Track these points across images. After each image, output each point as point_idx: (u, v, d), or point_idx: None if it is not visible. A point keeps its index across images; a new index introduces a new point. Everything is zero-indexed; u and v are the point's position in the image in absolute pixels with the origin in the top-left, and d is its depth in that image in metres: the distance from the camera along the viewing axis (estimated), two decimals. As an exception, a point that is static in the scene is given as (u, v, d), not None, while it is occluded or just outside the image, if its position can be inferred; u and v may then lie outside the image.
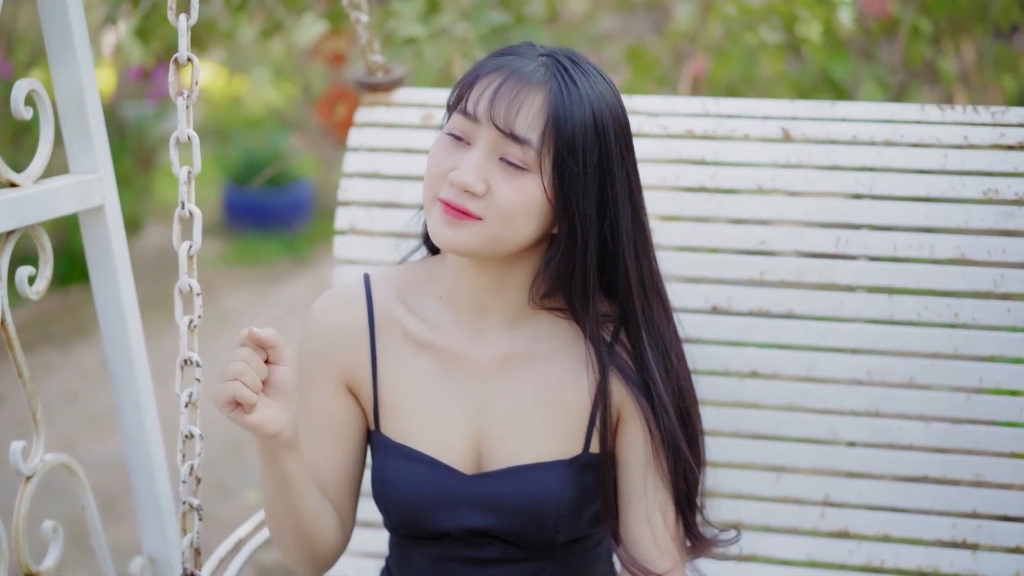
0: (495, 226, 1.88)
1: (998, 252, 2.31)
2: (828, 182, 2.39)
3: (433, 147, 1.94)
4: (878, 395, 2.37)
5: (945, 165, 2.35)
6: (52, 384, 5.81)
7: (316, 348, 2.09)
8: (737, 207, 2.42)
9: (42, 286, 2.14)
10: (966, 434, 2.34)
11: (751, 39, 3.78)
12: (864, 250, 2.37)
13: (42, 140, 2.14)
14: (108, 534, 2.41)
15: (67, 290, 6.77)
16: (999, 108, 2.39)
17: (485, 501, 2.01)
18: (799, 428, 2.40)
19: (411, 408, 2.04)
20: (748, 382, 2.41)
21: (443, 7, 3.33)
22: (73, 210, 2.22)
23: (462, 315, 2.03)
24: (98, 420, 5.47)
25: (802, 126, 2.43)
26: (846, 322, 2.38)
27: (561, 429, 2.01)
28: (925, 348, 2.35)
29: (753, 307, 2.41)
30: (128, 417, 2.38)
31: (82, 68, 2.21)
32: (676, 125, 2.47)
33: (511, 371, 2.02)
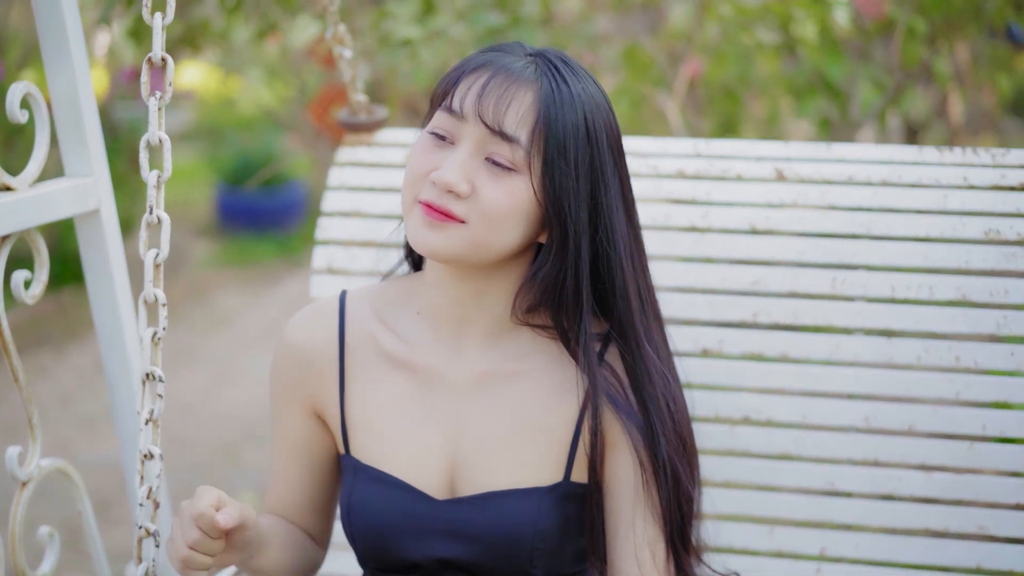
0: (479, 230, 1.80)
1: (1001, 293, 2.23)
2: (824, 222, 2.31)
3: (414, 147, 1.86)
4: (876, 443, 2.27)
5: (945, 205, 2.28)
6: (46, 386, 5.84)
7: (285, 371, 2.02)
8: (730, 247, 2.34)
9: (38, 290, 2.15)
10: (969, 484, 2.23)
11: (747, 40, 3.74)
12: (861, 291, 2.28)
13: (37, 143, 2.15)
14: (103, 537, 2.39)
15: (60, 292, 6.75)
16: (999, 150, 2.33)
17: (456, 529, 1.89)
18: (794, 478, 2.30)
19: (382, 429, 1.94)
20: (740, 429, 2.31)
21: (439, 8, 3.29)
22: (69, 214, 2.22)
23: (440, 330, 1.94)
24: (93, 422, 5.49)
25: (797, 167, 2.36)
26: (843, 366, 2.28)
27: (541, 454, 1.90)
28: (925, 393, 2.25)
29: (745, 350, 2.31)
30: (124, 420, 2.35)
31: (77, 71, 2.20)
32: (667, 166, 2.40)
33: (490, 391, 1.91)
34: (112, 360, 2.32)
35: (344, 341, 1.98)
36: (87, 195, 2.22)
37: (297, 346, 2.00)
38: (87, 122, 2.21)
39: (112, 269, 2.28)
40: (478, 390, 1.92)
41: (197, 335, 6.81)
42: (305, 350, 1.99)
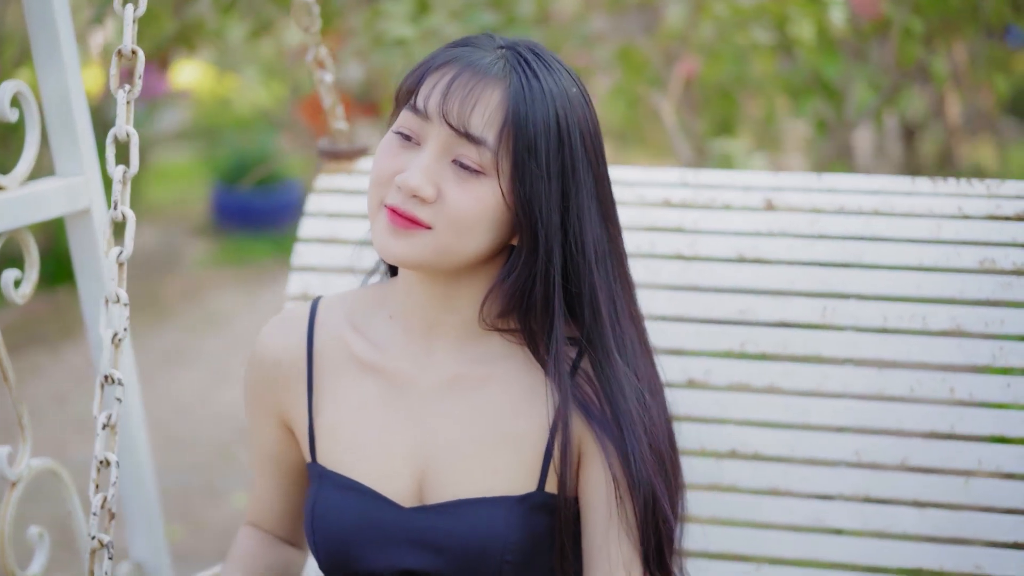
0: (446, 236, 1.74)
1: (996, 323, 2.16)
2: (813, 251, 2.25)
3: (379, 148, 1.79)
4: (868, 478, 2.18)
5: (938, 235, 2.22)
6: (41, 385, 5.77)
7: (255, 381, 1.97)
8: (717, 275, 2.27)
9: (28, 290, 2.14)
10: (965, 522, 2.15)
11: (742, 39, 3.71)
12: (852, 321, 2.21)
13: (28, 142, 2.13)
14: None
15: (55, 291, 6.71)
16: (994, 181, 2.28)
17: (422, 538, 1.81)
18: (782, 514, 2.21)
19: (349, 435, 1.87)
20: (726, 462, 2.23)
21: (433, 8, 3.26)
22: (59, 213, 2.20)
23: (411, 334, 1.87)
24: (87, 422, 5.45)
25: (787, 196, 2.30)
26: (833, 398, 2.20)
27: (513, 462, 1.82)
28: (919, 426, 2.17)
29: (732, 381, 2.24)
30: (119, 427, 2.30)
31: (68, 70, 2.19)
32: (653, 194, 2.34)
33: (460, 395, 1.84)
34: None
35: (312, 348, 1.93)
36: (78, 194, 2.21)
37: (267, 355, 1.96)
38: (78, 121, 2.21)
39: (103, 268, 2.25)
40: (448, 394, 1.85)
41: (192, 335, 6.81)
42: (274, 359, 1.95)
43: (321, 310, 1.96)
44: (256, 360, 1.96)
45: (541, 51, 1.78)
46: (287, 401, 1.94)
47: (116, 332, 1.79)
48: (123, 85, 1.82)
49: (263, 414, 1.97)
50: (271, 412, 1.96)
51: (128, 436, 2.33)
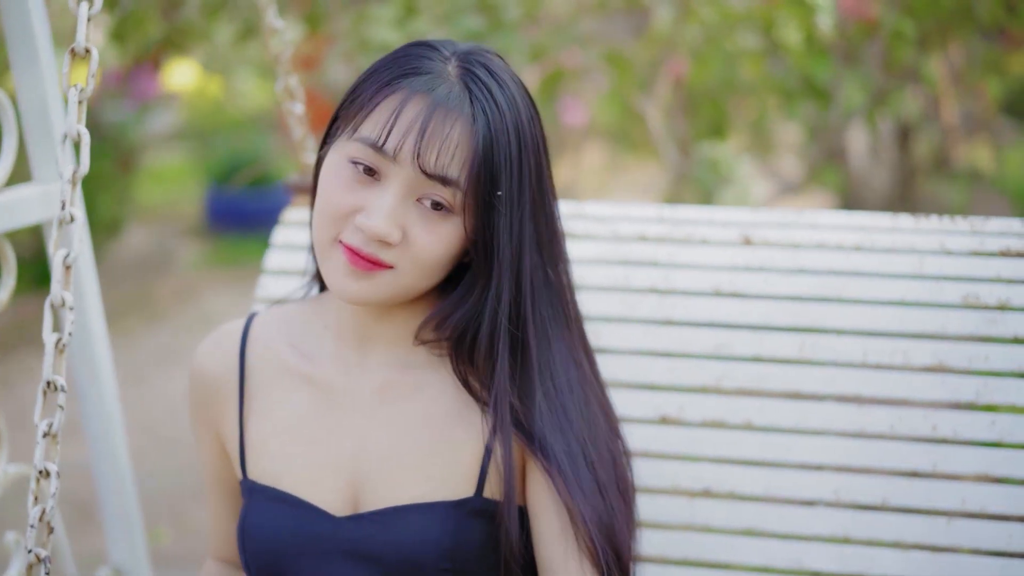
0: (408, 277, 1.70)
1: (980, 360, 2.09)
2: (792, 285, 2.19)
3: (330, 175, 1.72)
4: (847, 518, 2.11)
5: (921, 270, 2.16)
6: (31, 388, 5.70)
7: (194, 398, 1.95)
8: (692, 310, 2.20)
9: (4, 296, 2.12)
10: (947, 564, 2.07)
11: (729, 44, 3.66)
12: (831, 356, 2.14)
13: (5, 148, 2.11)
14: (83, 541, 2.39)
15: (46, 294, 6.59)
16: (978, 219, 2.22)
17: (357, 548, 1.74)
18: (758, 555, 2.13)
19: (280, 447, 1.82)
20: (700, 502, 2.15)
21: (420, 12, 3.22)
22: (36, 220, 2.18)
23: (343, 343, 1.83)
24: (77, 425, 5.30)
25: (765, 232, 2.24)
26: (811, 435, 2.13)
27: (448, 468, 1.76)
28: (900, 465, 2.10)
29: (707, 417, 2.17)
30: (94, 428, 2.34)
31: (45, 76, 2.18)
32: (629, 230, 2.29)
33: (392, 403, 1.79)
34: (81, 367, 2.31)
35: (244, 363, 1.89)
36: (55, 201, 2.18)
37: (202, 372, 1.93)
38: (55, 128, 2.18)
39: (81, 275, 2.23)
40: (380, 403, 1.80)
41: (182, 335, 6.80)
42: (209, 376, 1.92)
43: (255, 325, 1.92)
44: (194, 377, 1.93)
45: (491, 64, 1.72)
46: (221, 417, 1.90)
47: (60, 337, 1.72)
48: (75, 85, 1.76)
49: (204, 432, 1.94)
50: (210, 429, 1.93)
51: (107, 443, 2.32)
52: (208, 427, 1.92)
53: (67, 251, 1.74)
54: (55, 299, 1.73)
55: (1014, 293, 2.11)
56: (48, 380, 1.71)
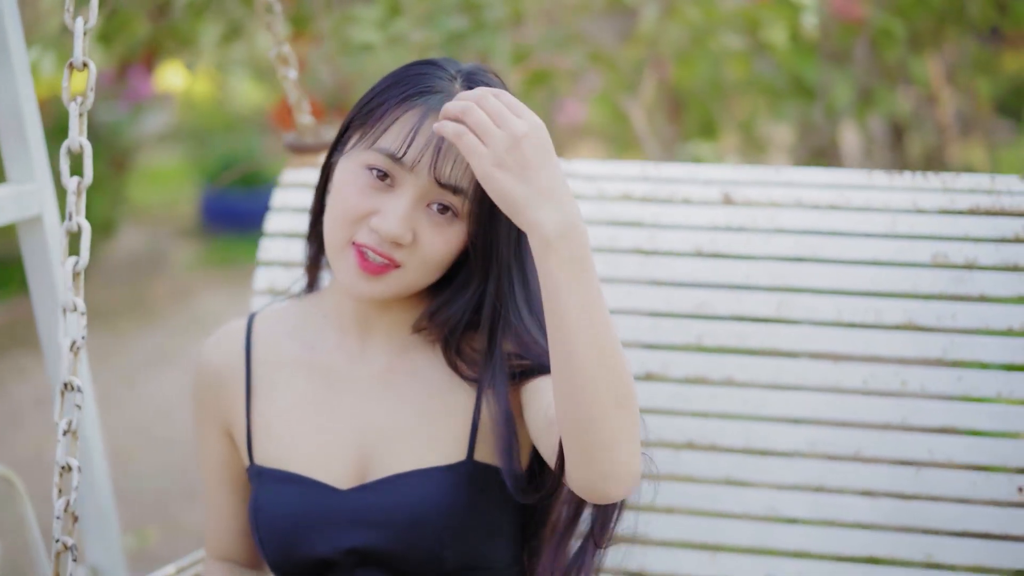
0: (415, 274, 1.83)
1: (948, 318, 2.19)
2: (770, 245, 2.28)
3: (346, 180, 1.84)
4: (821, 468, 2.23)
5: (893, 229, 2.25)
6: (24, 389, 5.72)
7: (199, 393, 2.06)
8: (675, 270, 2.30)
9: None
10: (915, 511, 2.19)
11: (715, 44, 3.71)
12: (807, 314, 2.25)
13: None
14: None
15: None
16: (950, 175, 2.30)
17: (363, 516, 1.88)
18: (737, 503, 2.26)
19: (285, 431, 1.95)
20: (683, 453, 2.27)
21: (404, 12, 3.27)
22: (10, 220, 2.21)
23: (345, 332, 1.97)
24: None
25: (745, 190, 2.33)
26: (788, 390, 2.25)
27: (441, 434, 1.90)
28: (871, 418, 2.22)
29: (690, 373, 2.28)
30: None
31: (18, 75, 2.19)
32: (614, 188, 2.38)
33: (391, 385, 1.93)
34: (55, 367, 2.30)
35: (250, 355, 2.01)
36: (29, 202, 2.21)
37: (208, 367, 2.04)
38: (29, 129, 2.21)
39: (55, 276, 2.26)
40: (379, 385, 1.93)
41: (175, 336, 6.80)
42: (215, 370, 2.03)
43: (256, 322, 2.05)
44: (200, 373, 2.05)
45: (491, 83, 1.84)
46: (228, 408, 2.02)
47: (74, 340, 1.83)
48: (75, 98, 1.85)
49: (210, 426, 2.05)
50: (216, 422, 2.04)
51: (84, 442, 2.33)
52: (215, 421, 2.03)
53: (76, 259, 1.84)
54: (67, 304, 1.83)
55: (981, 252, 2.20)
56: (65, 382, 1.83)
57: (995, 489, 2.16)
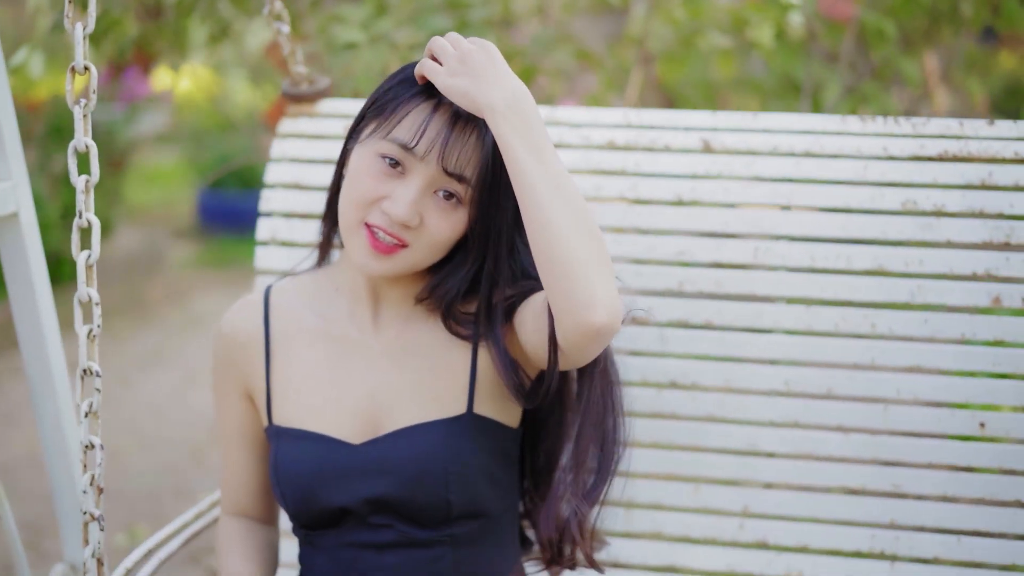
0: (420, 254, 1.99)
1: (915, 263, 2.31)
2: (747, 193, 2.38)
3: (361, 166, 1.98)
4: (796, 406, 2.37)
5: (864, 176, 2.35)
6: (20, 387, 5.81)
7: (220, 362, 2.20)
8: (656, 218, 2.41)
9: None
10: (884, 445, 2.34)
11: (702, 44, 3.75)
12: (782, 261, 2.36)
13: None
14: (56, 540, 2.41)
15: None
16: (920, 119, 2.39)
17: (375, 467, 2.05)
18: (718, 439, 2.40)
19: (301, 393, 2.11)
20: (667, 393, 2.41)
21: (390, 12, 3.32)
22: None
23: (358, 305, 2.12)
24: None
25: (723, 137, 2.42)
26: (764, 333, 2.37)
27: (443, 390, 2.07)
28: (843, 359, 2.34)
29: (672, 318, 2.40)
30: (47, 425, 2.36)
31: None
32: (598, 136, 2.47)
33: (400, 350, 2.09)
34: (33, 365, 2.34)
35: (269, 324, 2.15)
36: (5, 198, 2.25)
37: (229, 336, 2.18)
38: (4, 127, 2.24)
39: (32, 273, 2.29)
40: (389, 351, 2.10)
41: (171, 336, 6.85)
42: (236, 338, 2.17)
43: (274, 294, 2.19)
44: (220, 341, 2.19)
45: None
46: (248, 372, 2.16)
47: (91, 329, 1.96)
48: (79, 100, 1.94)
49: (230, 389, 2.19)
50: (236, 386, 2.18)
51: (60, 443, 2.34)
52: (235, 385, 2.18)
53: (88, 252, 1.95)
54: (81, 296, 1.96)
55: (949, 199, 2.30)
56: (84, 367, 1.96)
57: (959, 425, 2.30)
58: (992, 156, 2.31)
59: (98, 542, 1.99)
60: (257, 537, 2.24)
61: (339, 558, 2.09)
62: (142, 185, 9.87)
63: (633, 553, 2.42)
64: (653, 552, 2.42)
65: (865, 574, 2.34)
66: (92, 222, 1.95)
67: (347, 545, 2.09)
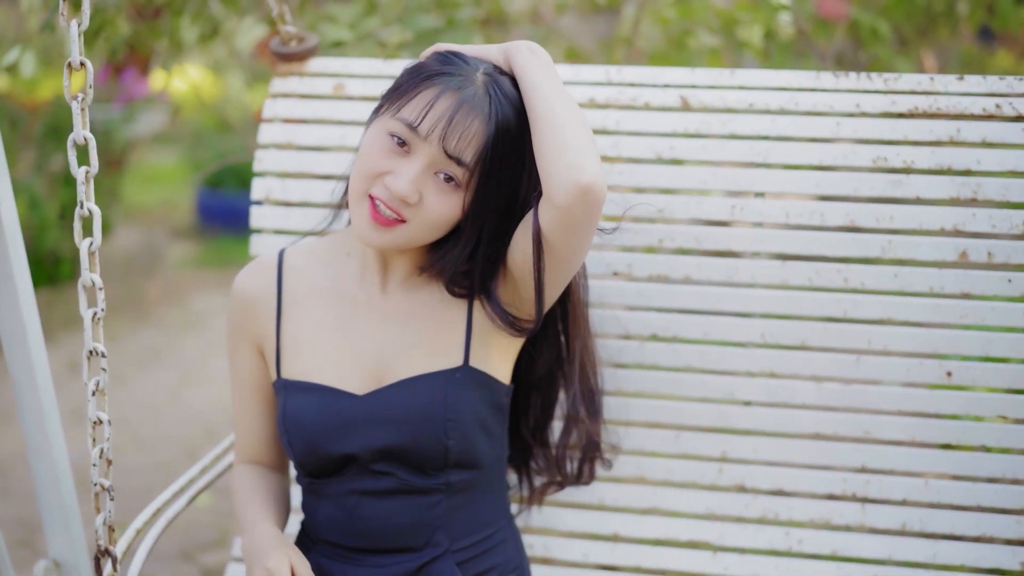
0: (418, 231, 2.10)
1: (886, 219, 2.39)
2: (725, 151, 2.45)
3: (370, 140, 2.10)
4: (772, 357, 2.46)
5: (837, 133, 2.42)
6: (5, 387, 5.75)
7: (234, 318, 2.32)
8: (637, 176, 2.49)
9: None
10: (856, 393, 2.44)
11: (692, 43, 3.77)
12: (758, 218, 2.44)
13: None
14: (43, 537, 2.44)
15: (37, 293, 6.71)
16: (892, 75, 2.45)
17: (377, 415, 2.17)
18: (698, 388, 2.50)
19: (309, 348, 2.23)
20: (649, 345, 2.50)
21: (379, 11, 3.34)
22: None
23: (367, 270, 2.24)
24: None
25: (701, 94, 2.49)
26: (741, 287, 2.46)
27: (442, 344, 2.21)
28: (816, 312, 2.43)
29: (652, 273, 2.49)
30: (30, 422, 2.33)
31: None
32: (580, 93, 2.53)
33: (403, 311, 2.22)
34: (15, 359, 2.31)
35: (281, 282, 2.28)
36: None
37: (242, 292, 2.30)
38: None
39: (12, 266, 2.26)
40: (393, 312, 2.22)
41: (168, 336, 6.83)
42: (249, 294, 2.30)
43: (288, 255, 2.31)
44: (235, 297, 2.31)
45: (509, 82, 2.09)
46: (260, 327, 2.28)
47: (95, 312, 2.05)
48: (76, 96, 2.01)
49: (243, 344, 2.31)
50: (249, 340, 2.30)
51: (42, 438, 2.31)
52: (247, 340, 2.30)
53: (91, 240, 2.04)
54: (85, 282, 2.04)
55: (918, 155, 2.38)
56: (91, 348, 2.06)
57: (927, 374, 2.40)
58: (960, 112, 2.38)
59: (109, 510, 2.10)
60: (270, 483, 2.35)
61: (342, 505, 2.22)
62: (141, 185, 9.84)
63: (618, 496, 2.54)
64: (636, 495, 2.54)
65: (837, 515, 2.46)
66: (93, 211, 2.03)
67: (349, 492, 2.21)
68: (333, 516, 2.24)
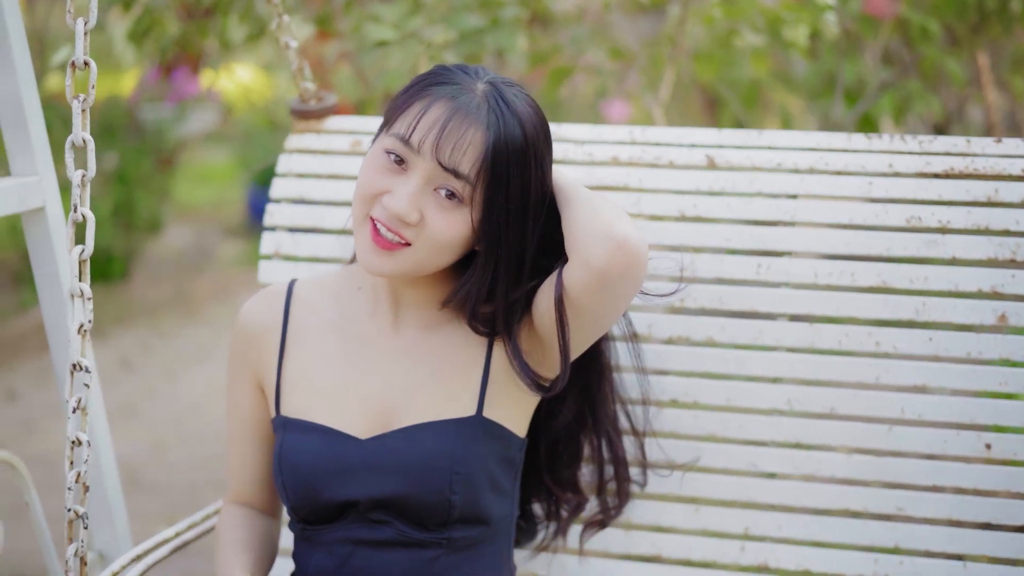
0: (423, 253, 1.98)
1: (920, 280, 2.28)
2: (750, 209, 2.36)
3: (368, 162, 2.01)
4: (799, 425, 2.33)
5: (869, 192, 2.33)
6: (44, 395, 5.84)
7: (236, 347, 2.21)
8: (659, 233, 2.39)
9: None
10: (888, 466, 2.30)
11: (738, 43, 3.75)
12: (785, 277, 2.34)
13: None
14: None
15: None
16: (927, 137, 2.37)
17: (380, 462, 2.04)
18: (719, 458, 2.36)
19: (312, 385, 2.11)
20: (668, 411, 2.38)
21: (423, 10, 3.34)
22: (12, 211, 2.28)
23: (379, 305, 2.12)
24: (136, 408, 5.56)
25: (727, 154, 2.41)
26: (766, 350, 2.34)
27: (454, 391, 2.07)
28: (846, 377, 2.31)
29: (673, 334, 2.38)
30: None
31: (19, 70, 2.28)
32: (602, 152, 2.46)
33: (415, 351, 2.10)
34: (60, 356, 2.39)
35: (288, 315, 2.17)
36: (31, 194, 2.30)
37: (247, 324, 2.19)
38: (30, 121, 2.29)
39: (58, 266, 2.34)
40: (406, 351, 2.10)
41: (217, 333, 6.89)
42: (253, 324, 2.19)
43: (297, 287, 2.20)
44: (239, 328, 2.20)
45: (513, 90, 2.00)
46: (262, 359, 2.17)
47: (81, 323, 1.94)
48: (77, 96, 1.94)
49: (243, 378, 2.20)
50: (249, 375, 2.19)
51: (90, 429, 2.27)
52: (248, 373, 2.18)
53: (81, 248, 1.94)
54: (73, 291, 1.95)
55: (953, 215, 2.28)
56: (74, 362, 1.94)
57: (964, 446, 2.26)
58: (999, 173, 2.29)
59: (82, 541, 1.96)
60: (256, 526, 2.22)
61: (336, 553, 2.08)
62: (192, 183, 9.92)
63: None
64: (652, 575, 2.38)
65: (868, 599, 2.29)
66: (87, 217, 1.95)
67: (344, 541, 2.07)
68: (325, 565, 2.09)
